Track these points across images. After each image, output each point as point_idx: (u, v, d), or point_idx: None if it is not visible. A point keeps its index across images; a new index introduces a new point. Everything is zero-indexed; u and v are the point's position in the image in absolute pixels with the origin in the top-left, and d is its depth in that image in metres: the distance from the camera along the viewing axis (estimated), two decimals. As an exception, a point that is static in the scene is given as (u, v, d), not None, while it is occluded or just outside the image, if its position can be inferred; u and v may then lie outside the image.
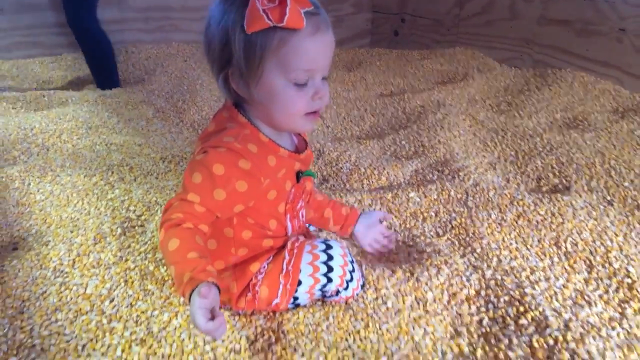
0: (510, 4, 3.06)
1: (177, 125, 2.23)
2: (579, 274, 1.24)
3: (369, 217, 1.26)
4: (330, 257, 1.02)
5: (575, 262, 1.28)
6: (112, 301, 1.06)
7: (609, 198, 1.54)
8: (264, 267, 1.02)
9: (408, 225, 1.47)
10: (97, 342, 0.96)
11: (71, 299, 1.06)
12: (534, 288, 1.16)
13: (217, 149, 0.90)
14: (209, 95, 2.55)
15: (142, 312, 1.03)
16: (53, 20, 3.02)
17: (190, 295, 0.78)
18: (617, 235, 1.35)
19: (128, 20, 3.25)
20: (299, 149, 1.05)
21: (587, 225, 1.39)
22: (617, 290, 1.18)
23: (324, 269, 1.01)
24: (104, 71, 2.64)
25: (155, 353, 0.94)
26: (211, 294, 0.76)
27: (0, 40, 2.93)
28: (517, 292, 1.12)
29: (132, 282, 1.12)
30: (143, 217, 1.39)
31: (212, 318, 0.75)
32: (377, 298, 1.10)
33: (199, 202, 0.89)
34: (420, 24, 3.77)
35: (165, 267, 1.16)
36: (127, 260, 1.19)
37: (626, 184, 1.60)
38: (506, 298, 1.11)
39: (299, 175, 1.03)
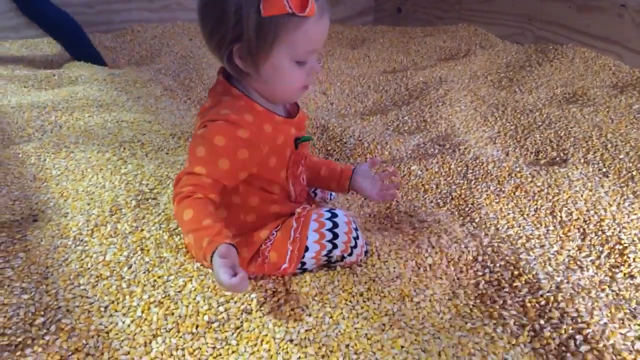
0: (512, -20, 3.08)
1: (185, 103, 2.28)
2: (572, 241, 1.30)
3: (361, 169, 1.29)
4: (335, 225, 1.08)
5: (569, 230, 1.34)
6: (130, 267, 1.13)
7: (604, 170, 1.60)
8: (273, 234, 1.08)
9: (410, 197, 1.53)
10: (118, 304, 1.03)
11: (92, 265, 1.13)
12: (528, 254, 1.23)
13: (215, 122, 0.96)
14: (215, 73, 2.59)
15: (159, 277, 1.10)
16: (62, 0, 3.05)
17: (212, 258, 0.85)
18: (610, 205, 1.41)
19: (134, 0, 3.28)
20: (291, 113, 1.11)
21: (582, 196, 1.44)
22: (608, 256, 1.24)
23: (329, 235, 1.07)
24: (75, 45, 2.64)
25: (173, 314, 1.00)
26: (231, 253, 0.83)
27: (9, 21, 2.97)
28: (512, 258, 1.19)
29: (148, 250, 1.18)
30: (156, 190, 1.45)
31: (234, 275, 0.82)
32: (379, 263, 1.16)
33: (205, 174, 0.95)
34: (423, 0, 3.78)
35: (179, 236, 1.23)
36: (142, 230, 1.26)
37: (621, 156, 1.65)
38: (502, 263, 1.17)
39: (297, 142, 1.09)
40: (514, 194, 1.49)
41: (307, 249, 1.07)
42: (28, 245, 1.20)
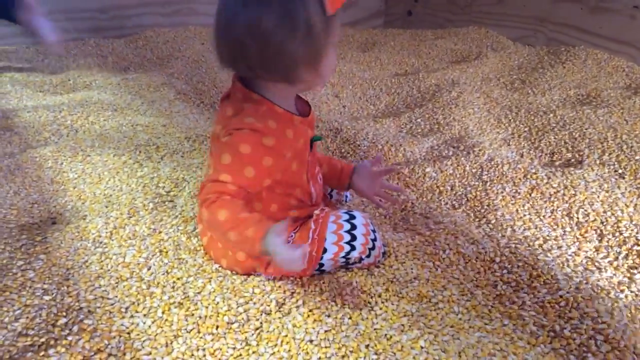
0: (524, -18, 3.08)
1: (199, 106, 2.29)
2: (589, 242, 1.30)
3: (361, 167, 1.28)
4: (353, 227, 1.09)
5: (586, 231, 1.34)
6: (149, 269, 1.14)
7: (620, 171, 1.59)
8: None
9: (425, 199, 1.53)
10: (138, 305, 1.04)
11: (112, 267, 1.14)
12: (546, 255, 1.22)
13: (241, 131, 0.97)
14: (227, 77, 2.61)
15: (178, 279, 1.11)
16: (76, 6, 3.09)
17: (265, 243, 0.89)
18: (627, 206, 1.40)
19: (146, 5, 3.31)
20: (305, 112, 1.11)
21: (598, 197, 1.44)
22: (626, 257, 1.24)
23: (347, 237, 1.08)
24: None
25: (193, 314, 1.01)
26: (285, 230, 0.88)
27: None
28: (530, 259, 1.18)
29: (167, 252, 1.20)
30: (172, 193, 1.47)
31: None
32: (397, 264, 1.16)
33: (230, 181, 0.96)
34: (433, 3, 3.78)
35: (196, 238, 1.24)
36: (160, 232, 1.27)
37: (637, 157, 1.64)
38: (520, 264, 1.17)
39: (311, 143, 1.10)
40: (530, 195, 1.49)
41: (325, 251, 1.07)
42: (48, 247, 1.21)
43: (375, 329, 0.98)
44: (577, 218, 1.38)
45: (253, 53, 0.92)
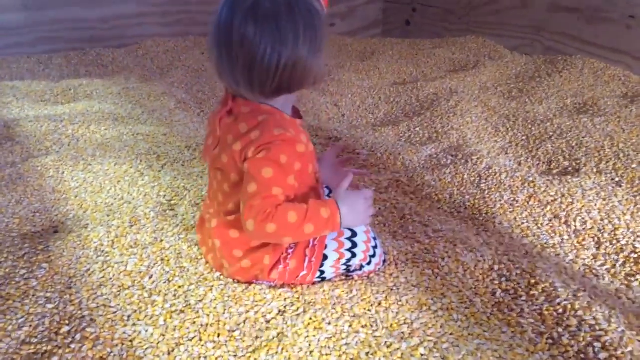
0: (521, -8, 3.11)
1: (199, 116, 2.31)
2: (587, 250, 1.31)
3: (323, 158, 1.26)
4: (354, 234, 1.10)
5: (584, 239, 1.35)
6: (151, 277, 1.15)
7: (617, 179, 1.61)
8: (294, 243, 1.10)
9: (424, 207, 1.54)
10: (140, 313, 1.04)
11: (114, 275, 1.15)
12: (544, 263, 1.24)
13: (274, 143, 0.97)
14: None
15: (179, 287, 1.12)
16: (76, 16, 3.11)
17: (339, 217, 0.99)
18: (624, 214, 1.42)
19: (146, 15, 3.33)
20: (298, 116, 1.12)
21: (595, 205, 1.45)
22: (624, 264, 1.25)
23: (348, 244, 1.09)
24: None
25: (194, 322, 1.02)
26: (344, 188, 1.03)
27: (25, 36, 3.03)
28: (528, 267, 1.19)
29: (168, 261, 1.21)
30: (173, 202, 1.48)
31: None
32: (396, 272, 1.17)
33: (281, 193, 0.98)
34: (431, 13, 3.81)
35: (197, 247, 1.25)
36: (162, 240, 1.28)
37: (634, 165, 1.65)
38: (518, 272, 1.18)
39: None
40: (528, 203, 1.50)
41: (326, 258, 1.08)
42: (51, 256, 1.22)
43: (375, 337, 0.99)
44: (575, 226, 1.39)
45: (278, 75, 0.95)
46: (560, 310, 1.05)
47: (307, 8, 0.95)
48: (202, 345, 0.97)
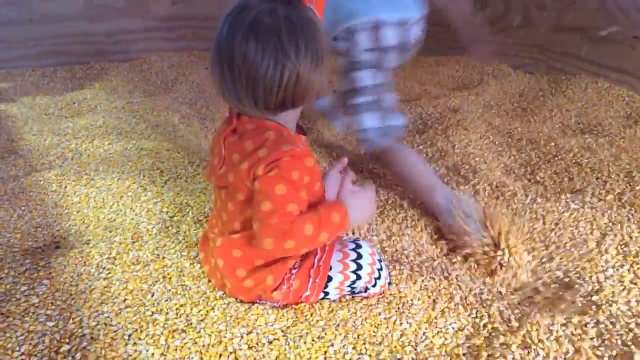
0: (524, 12, 3.12)
1: (202, 131, 2.30)
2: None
3: (328, 177, 1.25)
4: (359, 256, 1.09)
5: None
6: (152, 295, 1.14)
7: (623, 200, 1.60)
8: (298, 263, 1.09)
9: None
10: (141, 332, 1.03)
11: (115, 293, 1.14)
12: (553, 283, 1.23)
13: (283, 160, 0.96)
14: (230, 102, 2.63)
15: (181, 306, 1.11)
16: (81, 30, 3.12)
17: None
18: (630, 237, 1.41)
19: (151, 29, 3.35)
20: (302, 133, 1.12)
21: (600, 225, 1.44)
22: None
23: (353, 266, 1.08)
24: None
25: (196, 342, 1.01)
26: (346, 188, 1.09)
27: (30, 49, 3.04)
28: (528, 290, 1.19)
29: (170, 278, 1.20)
30: (176, 218, 1.47)
31: None
32: (403, 295, 1.16)
33: (296, 209, 0.98)
34: (434, 31, 3.82)
35: (199, 265, 1.24)
36: (164, 257, 1.27)
37: (638, 187, 1.65)
38: (524, 291, 1.17)
39: None
40: (534, 227, 1.49)
41: (330, 279, 1.07)
42: (52, 272, 1.21)
43: (379, 359, 0.97)
44: (582, 247, 1.38)
45: (283, 90, 0.96)
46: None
47: (307, 22, 0.95)
48: (204, 366, 0.96)
